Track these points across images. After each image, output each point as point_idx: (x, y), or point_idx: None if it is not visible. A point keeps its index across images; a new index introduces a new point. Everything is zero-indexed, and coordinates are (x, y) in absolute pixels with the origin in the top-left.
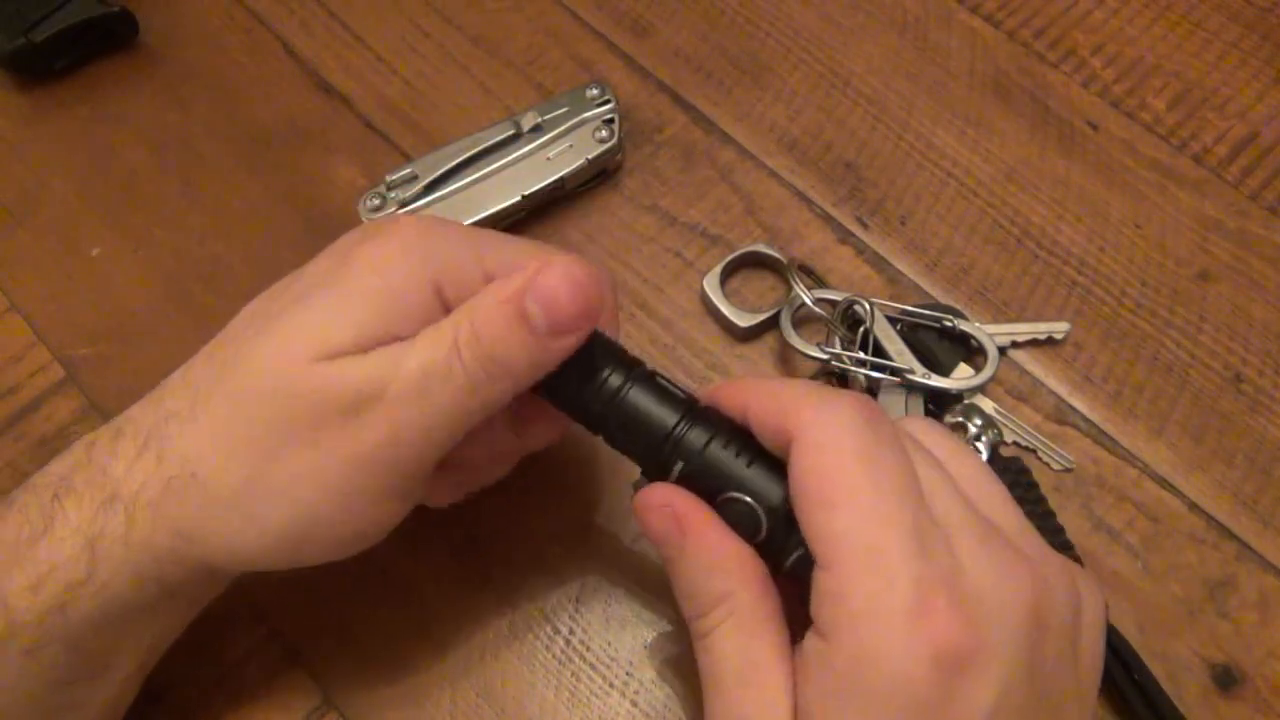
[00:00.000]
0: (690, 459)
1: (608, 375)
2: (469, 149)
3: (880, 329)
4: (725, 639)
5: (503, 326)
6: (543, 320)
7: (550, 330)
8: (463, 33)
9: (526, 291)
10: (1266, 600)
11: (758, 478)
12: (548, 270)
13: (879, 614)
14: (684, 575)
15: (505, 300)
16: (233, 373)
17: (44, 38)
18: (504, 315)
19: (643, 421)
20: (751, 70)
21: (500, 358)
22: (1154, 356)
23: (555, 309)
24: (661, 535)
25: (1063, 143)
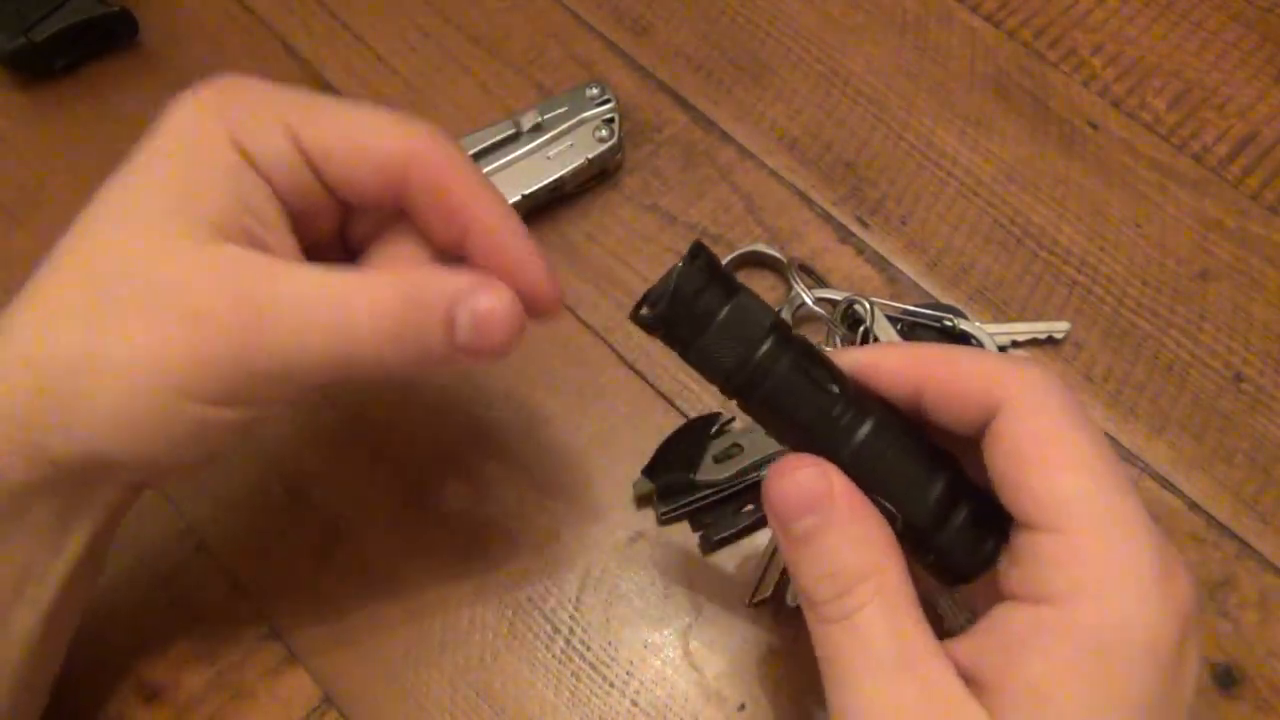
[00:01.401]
0: (853, 436)
1: (769, 342)
2: (469, 149)
3: (880, 328)
4: (875, 619)
5: (426, 317)
6: (469, 337)
7: (470, 349)
8: (463, 32)
9: (461, 300)
10: (1267, 599)
11: (926, 460)
12: (490, 291)
13: (1131, 578)
14: (827, 548)
15: (439, 296)
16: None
17: (44, 37)
18: (432, 308)
19: (804, 394)
20: (751, 70)
21: (405, 344)
22: (1154, 356)
23: (486, 333)
24: (809, 499)
25: (1063, 142)
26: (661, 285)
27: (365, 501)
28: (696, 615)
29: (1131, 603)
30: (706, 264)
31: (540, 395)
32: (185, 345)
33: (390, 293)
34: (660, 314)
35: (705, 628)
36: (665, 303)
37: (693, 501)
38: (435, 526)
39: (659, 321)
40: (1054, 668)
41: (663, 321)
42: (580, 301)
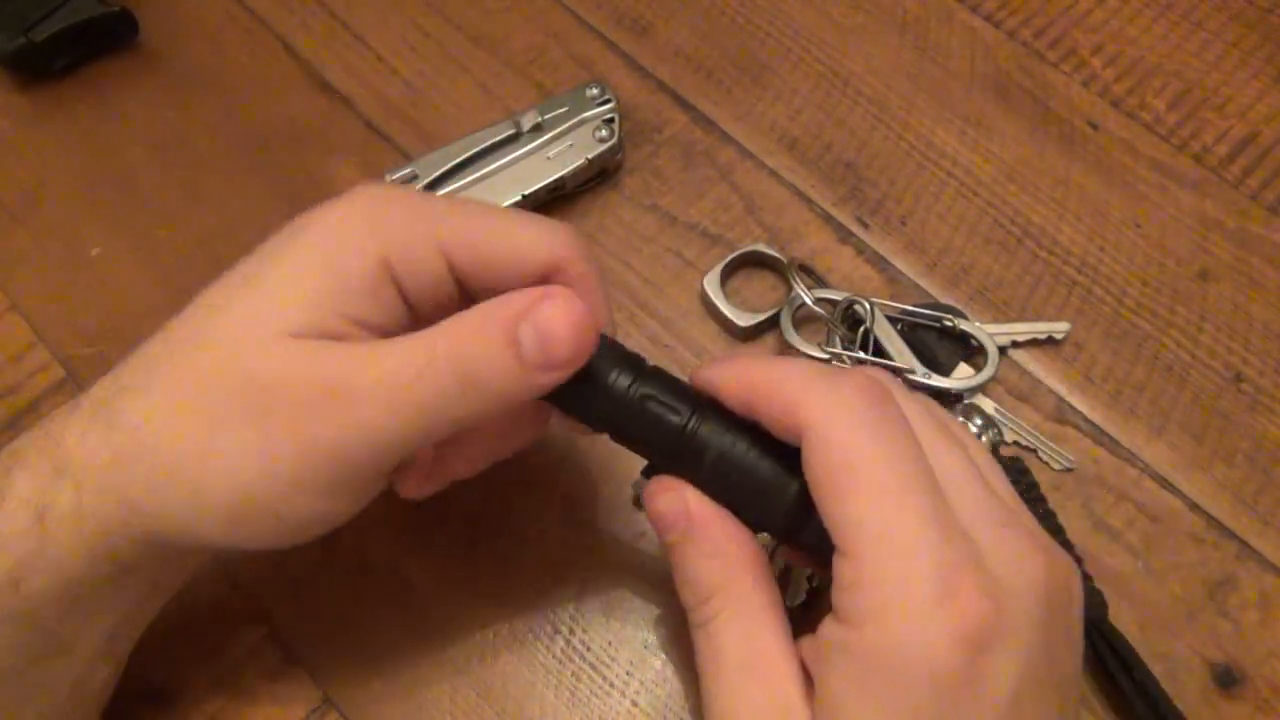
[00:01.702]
0: (704, 456)
1: (615, 376)
2: (469, 149)
3: (880, 329)
4: (726, 626)
5: (489, 348)
6: (535, 353)
7: (540, 365)
8: (463, 33)
9: (523, 317)
10: (1267, 599)
11: (773, 471)
12: (550, 301)
13: (905, 600)
14: (686, 561)
15: (498, 322)
16: (188, 348)
17: (44, 37)
18: (492, 337)
19: (653, 422)
20: (751, 70)
21: (480, 380)
22: (1154, 356)
23: (551, 345)
24: (669, 520)
25: (1063, 142)
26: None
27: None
28: None
29: (907, 627)
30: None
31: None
32: (291, 443)
33: (450, 340)
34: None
35: None
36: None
37: None
38: (435, 526)
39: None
40: (846, 685)
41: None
42: None
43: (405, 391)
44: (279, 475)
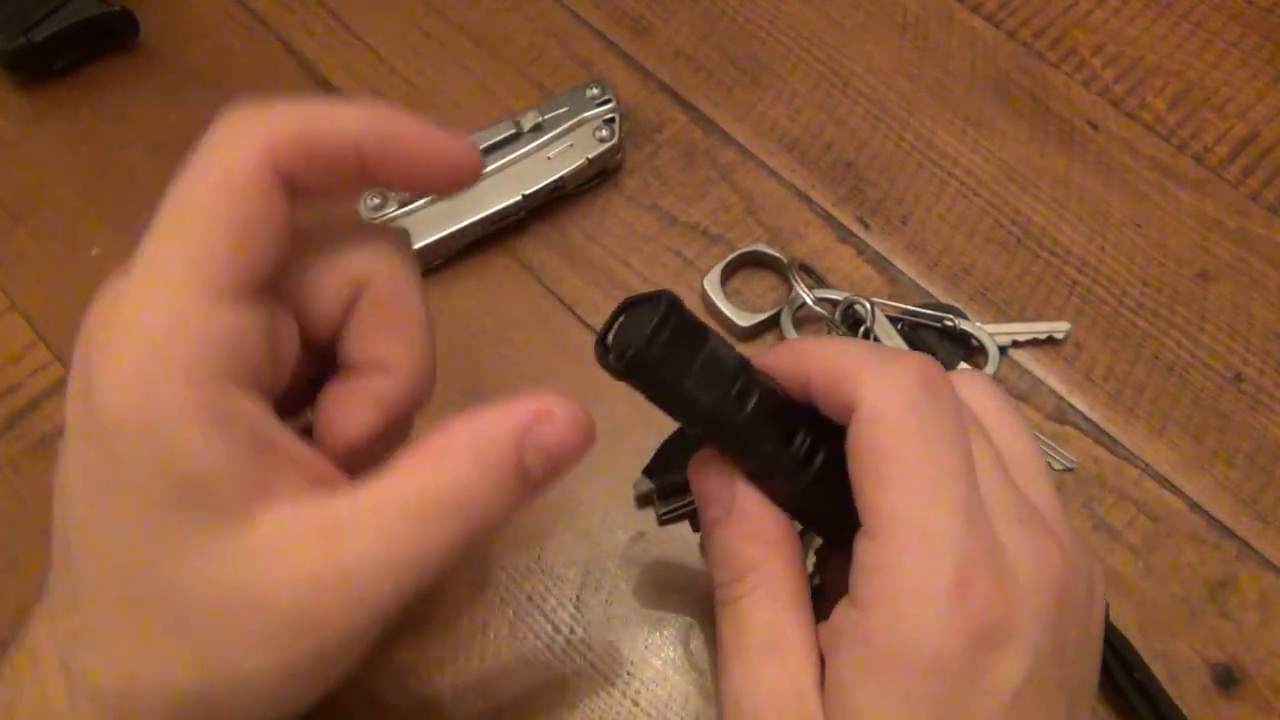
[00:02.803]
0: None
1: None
2: None
3: (881, 328)
4: (755, 606)
5: (498, 489)
6: (543, 473)
7: (545, 481)
8: (463, 32)
9: (529, 445)
10: (1267, 599)
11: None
12: (553, 422)
13: (920, 588)
14: (724, 538)
15: (504, 455)
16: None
17: (44, 37)
18: (503, 474)
19: (767, 439)
20: (752, 70)
21: (490, 523)
22: (1155, 356)
23: (561, 462)
24: (713, 493)
25: (1063, 142)
26: (629, 329)
27: None
28: (696, 615)
29: (918, 615)
30: (671, 305)
31: None
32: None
33: (451, 484)
34: (635, 358)
35: (705, 628)
36: (640, 347)
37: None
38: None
39: (634, 367)
40: (854, 669)
41: (639, 366)
42: (580, 301)
43: (399, 575)
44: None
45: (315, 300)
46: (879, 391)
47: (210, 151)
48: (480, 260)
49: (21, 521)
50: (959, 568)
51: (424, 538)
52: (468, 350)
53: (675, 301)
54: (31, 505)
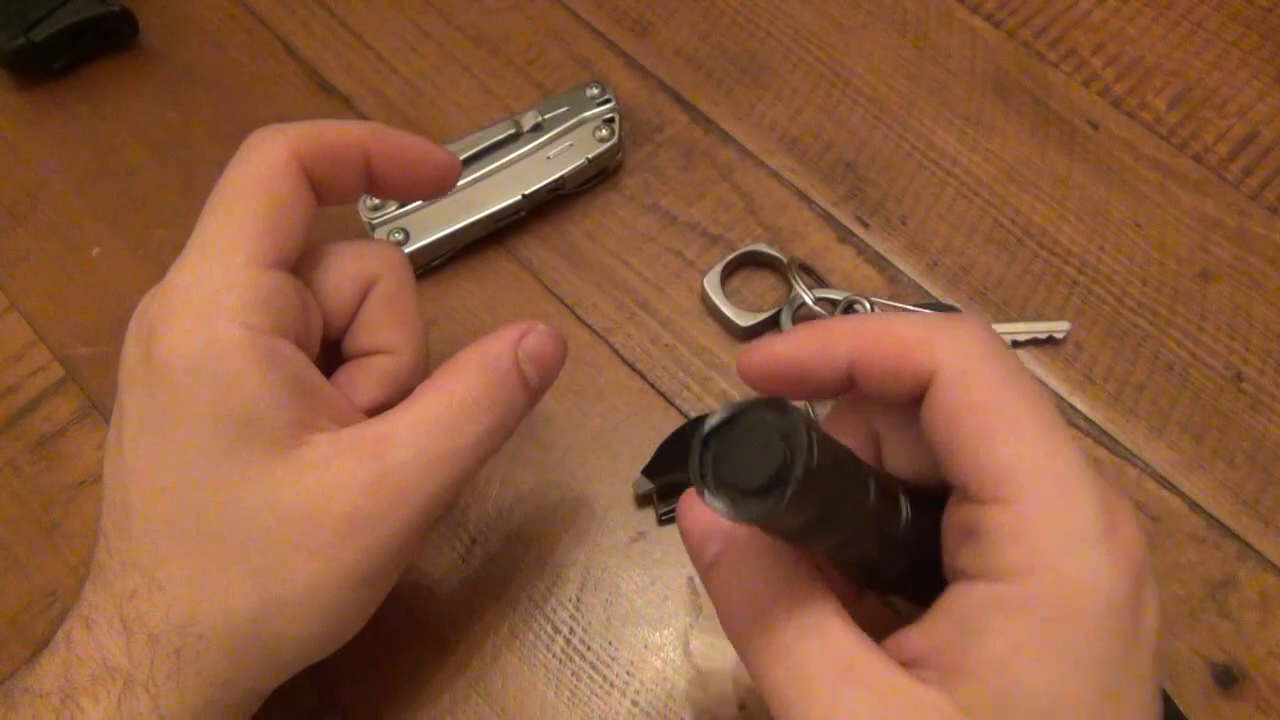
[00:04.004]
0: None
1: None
2: (469, 148)
3: None
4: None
5: (503, 394)
6: (537, 379)
7: (540, 387)
8: (463, 32)
9: (521, 356)
10: (1267, 599)
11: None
12: (535, 333)
13: (1081, 538)
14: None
15: (509, 361)
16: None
17: (44, 37)
18: (510, 376)
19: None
20: (752, 70)
21: (505, 422)
22: (1155, 356)
23: (548, 368)
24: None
25: (1063, 142)
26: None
27: None
28: (696, 615)
29: (1084, 568)
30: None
31: None
32: (349, 559)
33: (468, 388)
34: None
35: (705, 628)
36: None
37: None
38: (435, 526)
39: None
40: (1016, 643)
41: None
42: (580, 301)
43: (435, 473)
44: (345, 594)
45: (335, 293)
46: (959, 352)
47: (245, 152)
48: (480, 260)
49: (21, 521)
50: (1103, 508)
51: (455, 438)
52: None
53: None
54: (31, 505)
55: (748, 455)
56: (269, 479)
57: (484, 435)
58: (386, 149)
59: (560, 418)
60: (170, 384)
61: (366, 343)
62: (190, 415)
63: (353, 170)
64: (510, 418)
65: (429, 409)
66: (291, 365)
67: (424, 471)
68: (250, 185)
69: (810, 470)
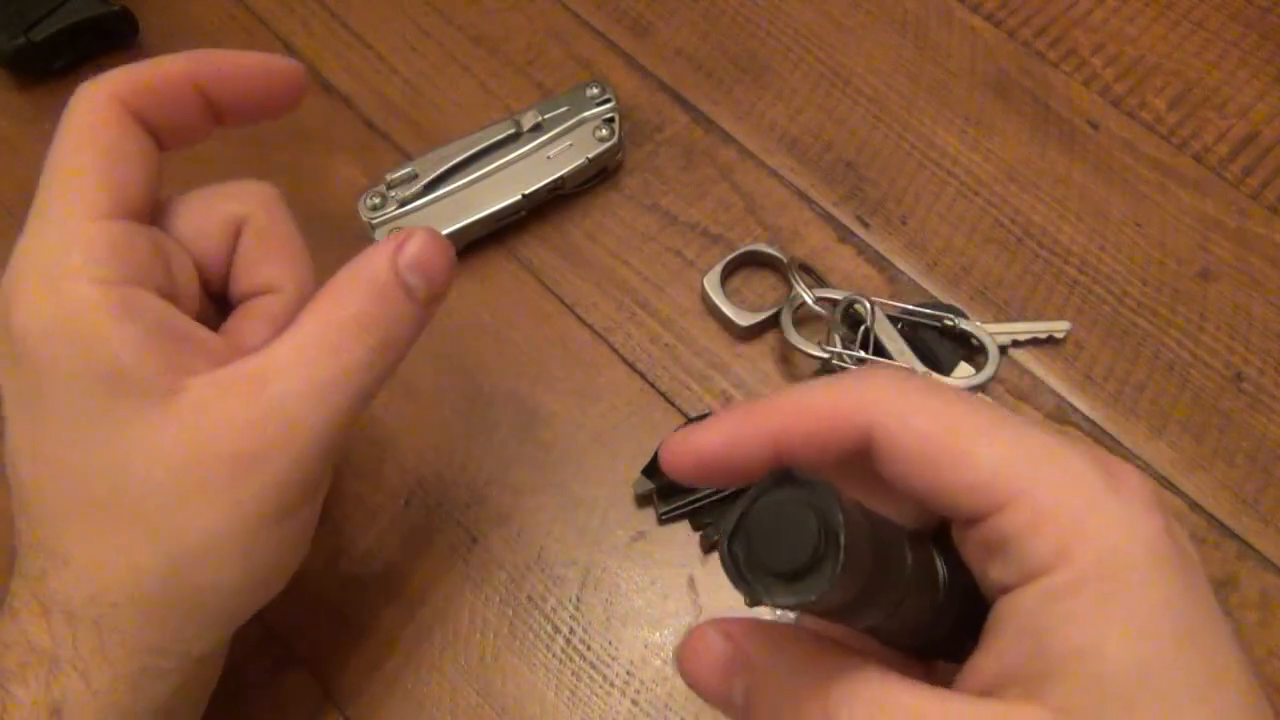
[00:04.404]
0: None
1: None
2: (469, 148)
3: (881, 328)
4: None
5: (386, 308)
6: (424, 288)
7: (430, 297)
8: (463, 32)
9: (401, 266)
10: (1267, 599)
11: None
12: (415, 239)
13: (1096, 503)
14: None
15: (387, 274)
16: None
17: (44, 37)
18: (391, 289)
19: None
20: (752, 69)
21: (393, 339)
22: (1155, 355)
23: (434, 275)
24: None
25: (1063, 142)
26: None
27: (365, 501)
28: (696, 615)
29: (1113, 526)
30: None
31: (540, 395)
32: (248, 499)
33: (345, 308)
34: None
35: None
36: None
37: (693, 501)
38: (435, 526)
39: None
40: (1087, 625)
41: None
42: (580, 301)
43: (329, 399)
44: (259, 538)
45: (203, 238)
46: (885, 397)
47: (68, 113)
48: (480, 260)
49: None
50: (1097, 465)
51: (339, 361)
52: (468, 349)
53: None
54: None
55: (780, 537)
56: (149, 431)
57: (371, 354)
58: (216, 73)
59: (560, 418)
60: (31, 355)
61: (248, 284)
62: (56, 382)
63: (187, 104)
64: (398, 333)
65: (308, 334)
66: (153, 313)
67: (310, 399)
68: (76, 141)
69: (852, 537)
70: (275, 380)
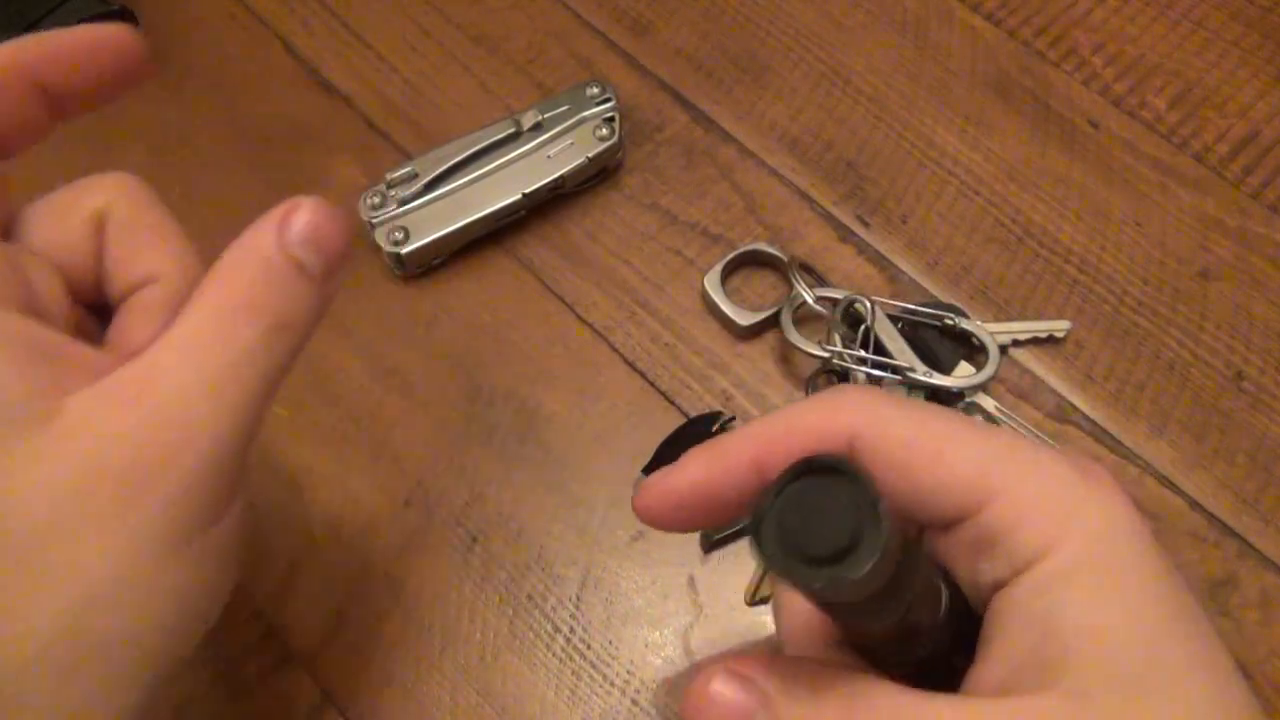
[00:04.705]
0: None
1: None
2: (469, 147)
3: (881, 327)
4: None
5: (276, 287)
6: (319, 262)
7: (326, 272)
8: (463, 31)
9: (290, 240)
10: (1268, 599)
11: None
12: (300, 209)
13: (1073, 491)
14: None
15: (275, 251)
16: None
17: None
18: (279, 267)
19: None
20: (752, 69)
21: (288, 318)
22: (1155, 355)
23: (329, 246)
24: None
25: (1064, 141)
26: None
27: (364, 501)
28: (696, 615)
29: (1093, 511)
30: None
31: (540, 395)
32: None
33: (231, 291)
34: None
35: (705, 627)
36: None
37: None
38: (435, 526)
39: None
40: (1089, 606)
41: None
42: (580, 300)
43: (225, 394)
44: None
45: (64, 243)
46: (862, 410)
47: None
48: (480, 259)
49: None
50: (1064, 458)
51: (228, 349)
52: (467, 349)
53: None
54: None
55: (815, 520)
56: (27, 462)
57: (264, 339)
58: (46, 56)
59: (560, 418)
60: None
61: (124, 280)
62: None
63: (20, 97)
64: (294, 313)
65: (190, 326)
66: (12, 331)
67: (203, 396)
68: None
69: (889, 516)
70: (160, 380)
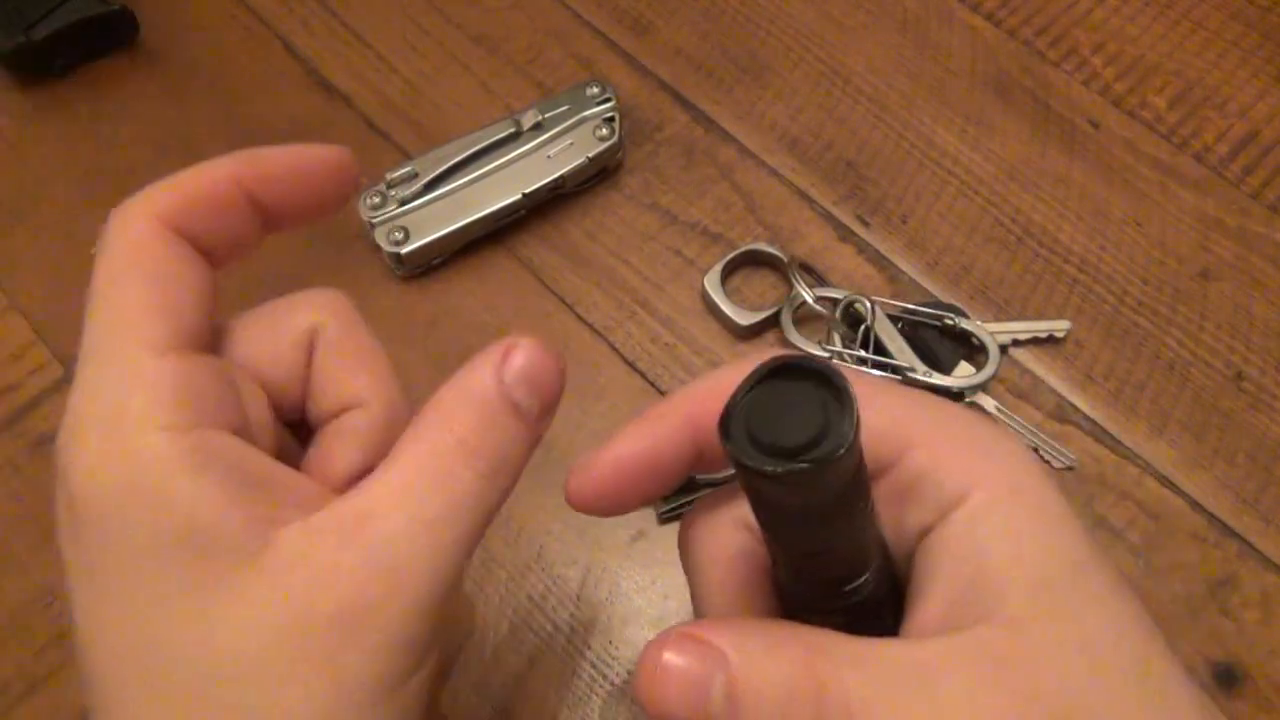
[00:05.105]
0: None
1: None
2: (469, 147)
3: (881, 327)
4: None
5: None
6: (534, 405)
7: (541, 414)
8: (463, 31)
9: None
10: (1268, 599)
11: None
12: (521, 350)
13: (984, 436)
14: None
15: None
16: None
17: (44, 36)
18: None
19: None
20: (752, 69)
21: (504, 462)
22: (1155, 355)
23: (545, 390)
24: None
25: (1064, 141)
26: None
27: None
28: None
29: (1008, 456)
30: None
31: None
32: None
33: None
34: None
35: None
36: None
37: (693, 500)
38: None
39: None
40: (1018, 537)
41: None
42: (580, 300)
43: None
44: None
45: (273, 360)
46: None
47: (110, 238)
48: (480, 259)
49: (21, 521)
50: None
51: (446, 494)
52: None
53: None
54: (31, 505)
55: (783, 417)
56: (237, 597)
57: (482, 483)
58: (263, 174)
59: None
60: (93, 522)
61: (328, 403)
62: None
63: (235, 213)
64: (510, 456)
65: (409, 465)
66: (230, 457)
67: (419, 540)
68: (122, 269)
69: (856, 430)
70: (377, 521)
